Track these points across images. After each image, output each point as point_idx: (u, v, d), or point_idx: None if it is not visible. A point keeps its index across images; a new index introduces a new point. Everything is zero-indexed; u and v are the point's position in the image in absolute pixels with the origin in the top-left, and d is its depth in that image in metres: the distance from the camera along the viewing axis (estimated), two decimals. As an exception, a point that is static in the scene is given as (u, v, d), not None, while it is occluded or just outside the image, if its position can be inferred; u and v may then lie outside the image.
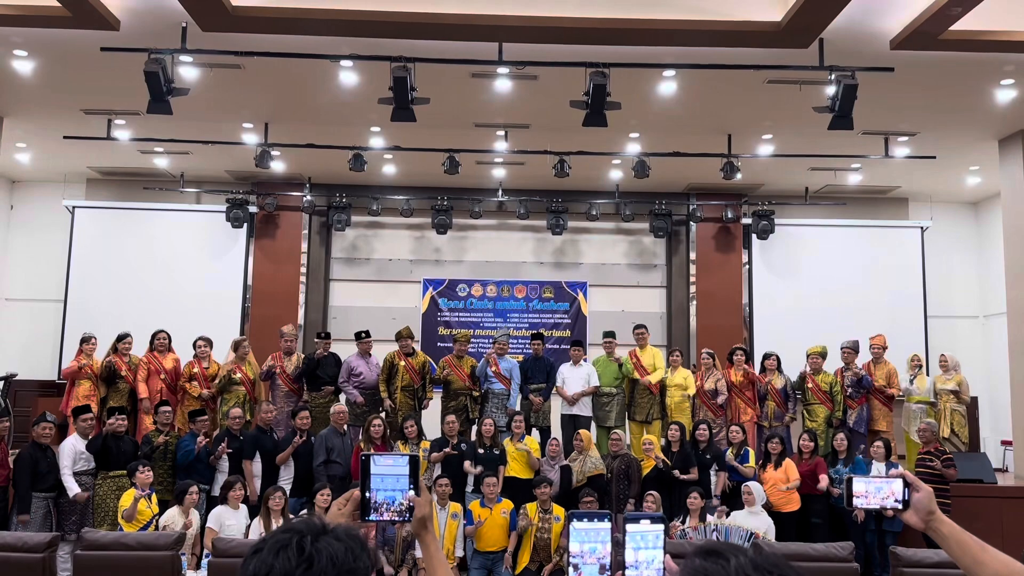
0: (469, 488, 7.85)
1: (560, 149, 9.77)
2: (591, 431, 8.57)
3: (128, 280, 11.65)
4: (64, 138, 9.77)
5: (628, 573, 2.03)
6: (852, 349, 9.02)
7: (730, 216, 11.97)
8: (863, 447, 8.28)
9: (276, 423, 8.17)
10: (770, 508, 7.44)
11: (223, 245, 12.00)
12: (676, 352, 9.17)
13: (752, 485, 7.36)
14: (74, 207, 11.90)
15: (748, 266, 12.32)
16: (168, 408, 7.87)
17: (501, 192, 11.88)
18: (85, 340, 8.48)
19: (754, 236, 12.02)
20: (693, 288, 12.26)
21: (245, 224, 11.84)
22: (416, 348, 9.08)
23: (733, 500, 7.60)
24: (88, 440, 7.32)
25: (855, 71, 7.16)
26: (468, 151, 9.89)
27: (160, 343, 8.63)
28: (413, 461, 1.78)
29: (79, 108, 9.12)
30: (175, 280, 11.70)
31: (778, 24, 6.89)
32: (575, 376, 8.80)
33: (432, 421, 8.70)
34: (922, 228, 12.25)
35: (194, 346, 8.68)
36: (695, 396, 8.88)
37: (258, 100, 8.92)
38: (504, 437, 8.15)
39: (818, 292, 11.93)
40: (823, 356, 8.98)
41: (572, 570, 2.06)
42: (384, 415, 8.29)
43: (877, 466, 7.70)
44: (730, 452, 7.98)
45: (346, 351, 9.03)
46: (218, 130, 9.67)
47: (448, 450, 7.83)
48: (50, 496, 7.06)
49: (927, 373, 9.75)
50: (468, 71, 7.77)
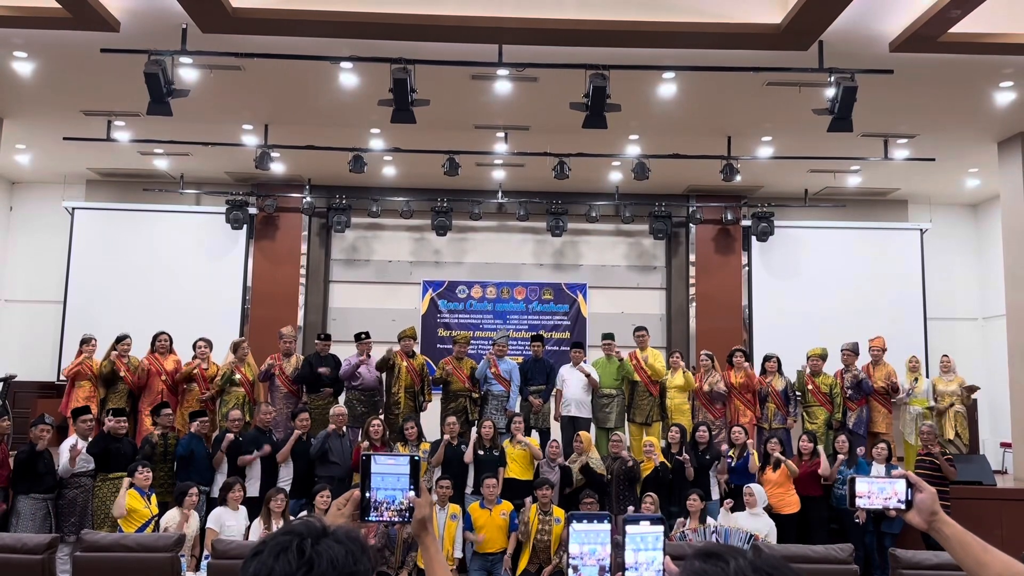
0: (469, 490, 7.84)
1: (560, 151, 9.78)
2: (591, 433, 8.56)
3: (128, 281, 11.65)
4: (64, 139, 9.77)
5: (628, 574, 2.03)
6: (852, 351, 9.03)
7: (730, 218, 11.97)
8: (863, 449, 8.28)
9: (275, 424, 8.17)
10: (770, 510, 7.44)
11: (223, 246, 12.00)
12: (676, 354, 9.17)
13: (753, 487, 7.36)
14: (74, 208, 11.90)
15: (748, 268, 12.32)
16: (169, 410, 7.87)
17: (501, 194, 11.88)
18: (85, 341, 8.50)
19: (754, 238, 12.02)
20: (693, 290, 12.26)
21: (245, 225, 11.84)
22: (416, 350, 9.09)
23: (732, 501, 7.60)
24: (89, 442, 7.31)
25: (854, 73, 7.17)
26: (468, 153, 9.89)
27: (161, 345, 8.64)
28: (414, 462, 1.78)
29: (79, 109, 9.12)
30: (175, 281, 11.69)
31: (778, 26, 6.90)
32: (575, 377, 8.79)
33: (432, 423, 8.70)
34: (921, 230, 12.25)
35: (194, 347, 8.69)
36: (694, 398, 8.89)
37: (258, 102, 8.93)
38: (504, 439, 8.15)
39: (817, 294, 11.93)
40: (823, 358, 8.98)
41: (572, 571, 2.07)
42: (383, 416, 8.29)
43: (878, 468, 7.70)
44: (731, 453, 7.98)
45: (345, 353, 9.03)
46: (218, 131, 9.67)
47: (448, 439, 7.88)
48: (48, 498, 7.04)
49: (926, 375, 9.75)
50: (468, 73, 7.77)
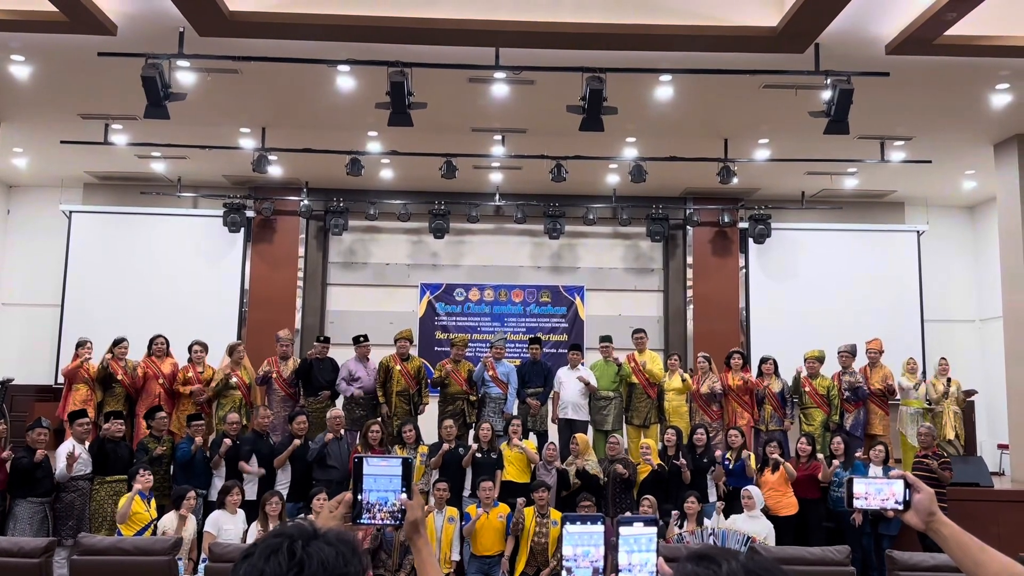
0: (466, 492, 7.84)
1: (557, 153, 9.78)
2: (588, 435, 8.56)
3: (125, 285, 11.63)
4: (61, 143, 9.75)
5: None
6: (849, 353, 9.04)
7: (727, 220, 11.97)
8: (860, 451, 8.28)
9: (273, 428, 8.16)
10: (768, 512, 7.44)
11: (220, 250, 11.99)
12: (674, 356, 9.17)
13: (751, 489, 7.36)
14: (71, 212, 11.89)
15: (745, 270, 12.32)
16: (164, 414, 7.87)
17: (498, 196, 11.88)
18: (81, 344, 8.48)
19: (751, 240, 12.02)
20: (690, 292, 12.27)
21: (242, 229, 11.82)
22: (412, 353, 9.08)
23: (731, 504, 7.60)
24: (87, 445, 7.30)
25: (851, 76, 7.17)
26: (465, 156, 9.88)
27: (158, 348, 8.64)
28: (406, 464, 1.78)
29: (76, 113, 9.11)
30: (172, 285, 11.68)
31: (774, 29, 6.91)
32: (571, 380, 8.79)
33: (429, 425, 8.69)
34: (918, 232, 12.26)
35: (189, 350, 8.68)
36: (692, 400, 8.89)
37: (255, 105, 8.93)
38: (501, 441, 8.15)
39: (815, 296, 11.94)
40: (820, 360, 8.98)
41: (566, 573, 2.07)
42: (382, 420, 8.28)
43: (875, 470, 7.70)
44: (728, 456, 7.98)
45: (343, 356, 9.02)
46: (215, 135, 9.68)
47: (446, 447, 7.85)
48: (46, 501, 7.04)
49: (923, 377, 9.75)
50: (465, 76, 7.77)
